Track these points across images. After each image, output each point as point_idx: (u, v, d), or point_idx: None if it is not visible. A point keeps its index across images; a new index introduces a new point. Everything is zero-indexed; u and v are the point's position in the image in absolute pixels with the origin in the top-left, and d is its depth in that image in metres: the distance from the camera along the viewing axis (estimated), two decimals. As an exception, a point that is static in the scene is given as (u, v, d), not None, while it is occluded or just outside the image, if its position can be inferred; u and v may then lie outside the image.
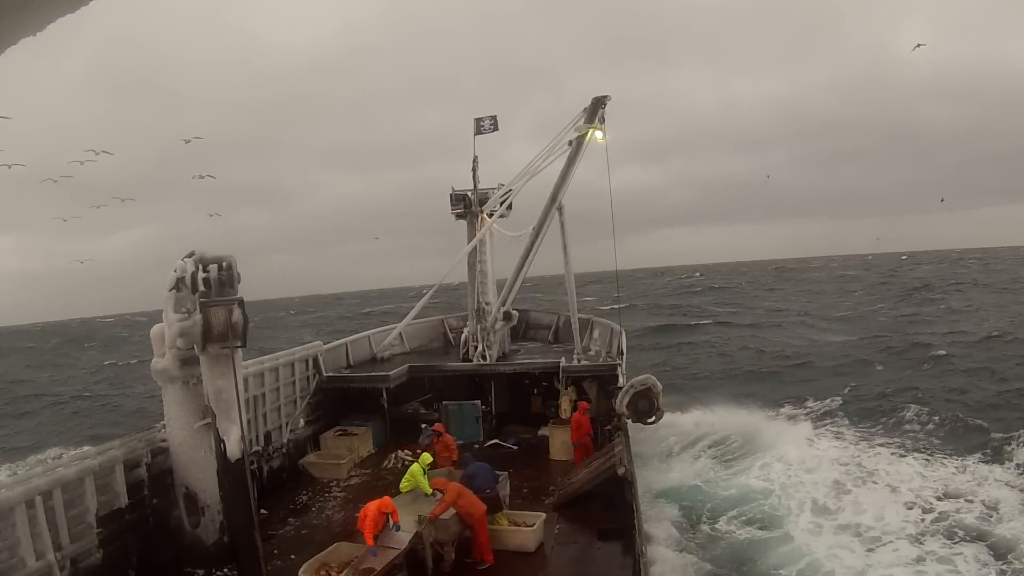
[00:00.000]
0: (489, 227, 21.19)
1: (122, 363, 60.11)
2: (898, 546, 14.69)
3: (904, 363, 33.96)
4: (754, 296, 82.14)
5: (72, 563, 10.28)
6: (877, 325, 47.85)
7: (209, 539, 11.93)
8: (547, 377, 19.26)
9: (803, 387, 30.89)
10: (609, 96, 16.44)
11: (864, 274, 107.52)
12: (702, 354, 42.62)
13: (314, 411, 18.02)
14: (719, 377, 35.15)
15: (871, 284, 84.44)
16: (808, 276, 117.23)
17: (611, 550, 11.70)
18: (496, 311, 20.04)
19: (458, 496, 11.15)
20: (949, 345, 36.45)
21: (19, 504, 9.35)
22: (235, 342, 10.44)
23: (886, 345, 38.72)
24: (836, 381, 31.25)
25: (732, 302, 74.69)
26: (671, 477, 19.60)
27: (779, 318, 56.67)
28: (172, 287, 10.75)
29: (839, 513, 16.52)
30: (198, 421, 11.62)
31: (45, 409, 41.76)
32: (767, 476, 19.19)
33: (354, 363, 20.90)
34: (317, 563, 10.61)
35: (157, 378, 12.00)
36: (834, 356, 37.52)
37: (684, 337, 49.16)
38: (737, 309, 66.56)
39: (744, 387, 31.28)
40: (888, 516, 16.09)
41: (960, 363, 32.42)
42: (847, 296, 72.17)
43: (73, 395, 45.88)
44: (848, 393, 28.77)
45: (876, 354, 36.64)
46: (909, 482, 18.12)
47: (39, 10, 1.80)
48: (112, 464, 11.24)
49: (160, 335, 11.54)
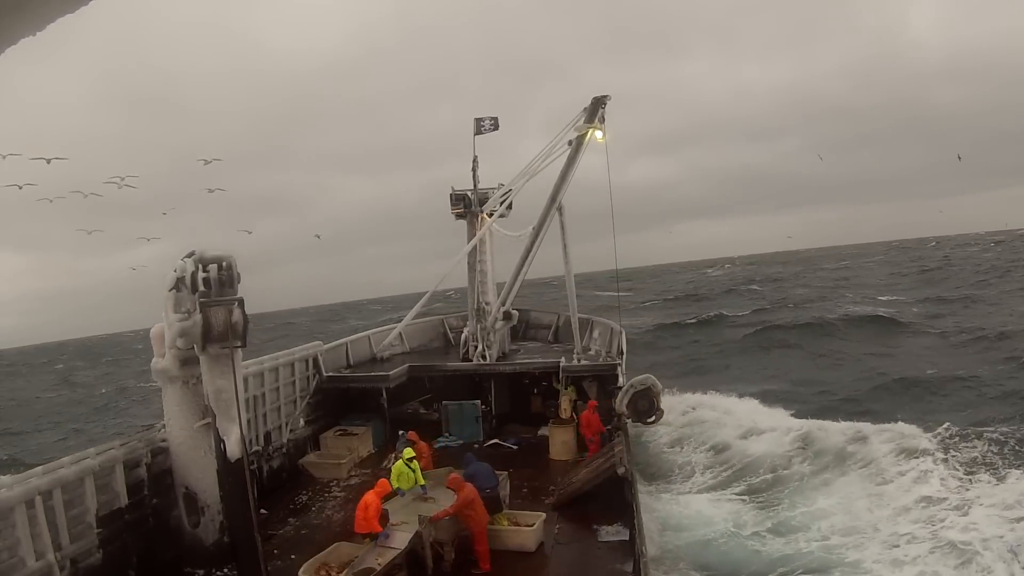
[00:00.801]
0: (488, 227, 21.19)
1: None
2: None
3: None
4: (880, 285, 65.59)
5: (72, 563, 10.27)
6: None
7: (209, 539, 11.93)
8: (547, 377, 19.25)
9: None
10: (609, 96, 16.44)
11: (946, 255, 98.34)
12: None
13: (314, 411, 18.02)
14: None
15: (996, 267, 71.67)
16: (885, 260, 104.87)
17: (611, 550, 11.70)
18: (496, 311, 20.04)
19: (469, 504, 11.00)
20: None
21: (19, 504, 9.35)
22: (235, 342, 10.44)
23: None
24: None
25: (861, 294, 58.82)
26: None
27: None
28: (172, 287, 10.76)
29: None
30: (198, 421, 11.63)
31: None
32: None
33: (354, 363, 20.89)
34: (317, 563, 10.61)
35: (157, 378, 12.01)
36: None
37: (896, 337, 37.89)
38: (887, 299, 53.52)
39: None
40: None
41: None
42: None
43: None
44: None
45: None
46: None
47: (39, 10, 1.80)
48: (112, 464, 11.24)
49: (160, 335, 11.54)
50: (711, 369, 35.11)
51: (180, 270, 10.64)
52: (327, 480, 16.02)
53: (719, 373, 33.48)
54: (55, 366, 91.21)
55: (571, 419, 17.46)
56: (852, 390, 27.48)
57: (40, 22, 1.83)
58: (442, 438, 18.56)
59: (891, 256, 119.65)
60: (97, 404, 48.06)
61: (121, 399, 48.70)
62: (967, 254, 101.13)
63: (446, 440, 18.47)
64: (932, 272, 74.93)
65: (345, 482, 15.89)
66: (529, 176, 19.10)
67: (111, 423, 38.77)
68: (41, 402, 53.70)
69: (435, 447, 18.08)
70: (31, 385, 68.83)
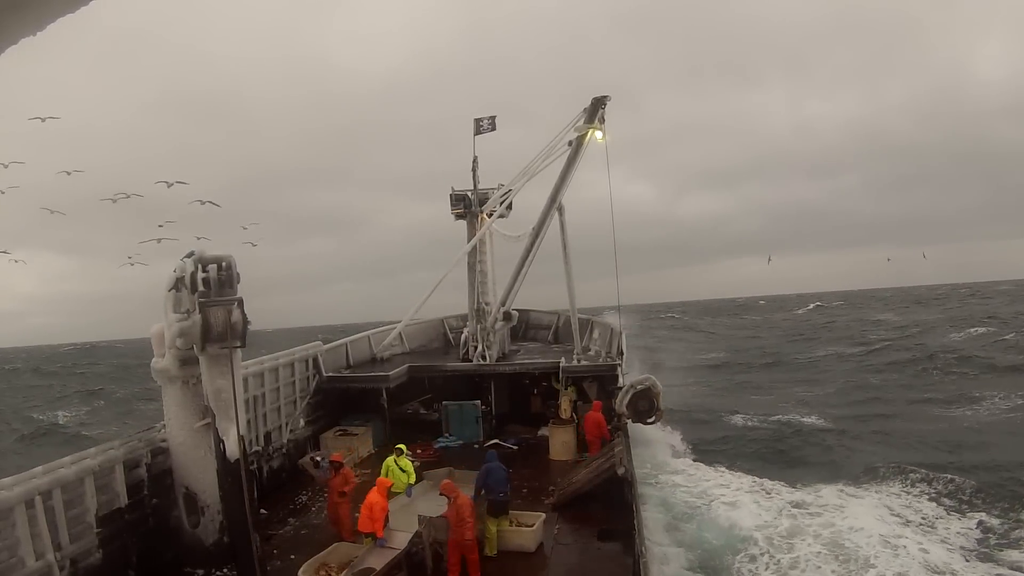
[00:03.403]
0: (488, 227, 21.20)
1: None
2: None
3: None
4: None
5: (72, 563, 10.27)
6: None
7: (209, 539, 11.92)
8: (547, 377, 19.27)
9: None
10: (609, 96, 16.44)
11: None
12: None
13: (314, 411, 18.02)
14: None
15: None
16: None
17: (611, 550, 11.70)
18: (496, 311, 20.05)
19: (459, 520, 10.50)
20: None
21: (19, 504, 9.34)
22: (234, 342, 10.44)
23: None
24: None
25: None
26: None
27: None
28: (171, 287, 10.76)
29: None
30: (198, 421, 11.62)
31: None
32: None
33: (354, 363, 20.89)
34: (317, 563, 10.61)
35: (157, 378, 11.99)
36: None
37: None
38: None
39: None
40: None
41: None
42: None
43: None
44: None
45: None
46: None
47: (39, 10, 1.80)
48: (112, 464, 11.23)
49: (160, 335, 11.53)
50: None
51: (180, 270, 10.64)
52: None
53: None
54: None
55: (571, 419, 17.48)
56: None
57: (40, 22, 1.84)
58: (442, 438, 18.58)
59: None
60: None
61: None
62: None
63: (446, 440, 18.49)
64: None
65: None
66: (529, 176, 19.10)
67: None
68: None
69: (435, 447, 18.15)
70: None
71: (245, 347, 10.85)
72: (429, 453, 17.58)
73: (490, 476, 11.75)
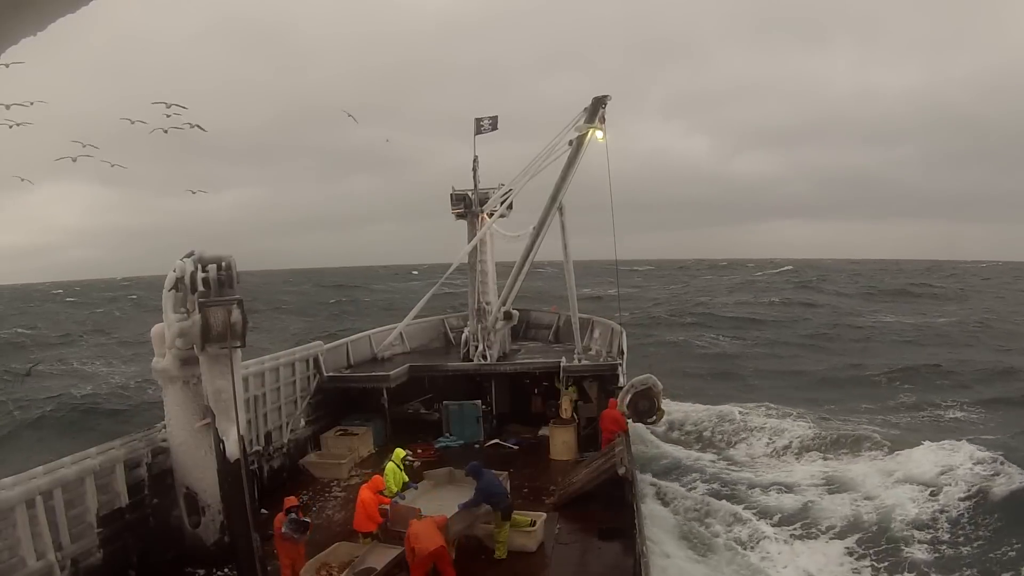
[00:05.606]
0: (489, 227, 21.19)
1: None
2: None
3: None
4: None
5: (72, 563, 10.28)
6: None
7: (209, 539, 11.93)
8: (548, 377, 19.25)
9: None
10: (609, 96, 16.41)
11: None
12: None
13: (314, 411, 18.01)
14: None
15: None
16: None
17: (611, 550, 11.70)
18: (496, 311, 20.03)
19: (415, 540, 10.11)
20: None
21: (19, 504, 9.35)
22: (234, 342, 10.43)
23: None
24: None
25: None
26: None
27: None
28: (171, 287, 10.75)
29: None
30: (198, 421, 11.62)
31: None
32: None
33: (354, 363, 20.88)
34: (317, 563, 10.62)
35: (157, 378, 12.00)
36: None
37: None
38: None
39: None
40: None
41: None
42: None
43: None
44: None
45: None
46: None
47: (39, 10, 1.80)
48: (112, 464, 11.24)
49: (160, 335, 11.54)
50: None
51: (179, 270, 10.63)
52: (327, 480, 16.00)
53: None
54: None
55: (572, 419, 17.46)
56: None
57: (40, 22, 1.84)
58: (442, 438, 18.57)
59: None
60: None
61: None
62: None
63: (446, 440, 18.47)
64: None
65: (346, 482, 15.87)
66: (530, 176, 19.08)
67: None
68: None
69: (436, 447, 18.15)
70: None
71: (245, 347, 10.85)
72: (429, 453, 17.58)
73: (489, 489, 11.64)
